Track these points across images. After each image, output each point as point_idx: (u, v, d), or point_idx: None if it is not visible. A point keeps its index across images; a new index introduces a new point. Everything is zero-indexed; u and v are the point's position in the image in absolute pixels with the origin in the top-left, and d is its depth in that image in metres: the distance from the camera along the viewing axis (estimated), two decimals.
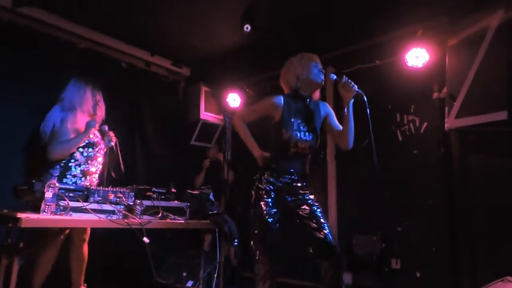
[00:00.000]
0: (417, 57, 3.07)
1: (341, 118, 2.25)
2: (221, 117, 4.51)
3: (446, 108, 2.88)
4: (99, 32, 3.60)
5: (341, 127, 2.26)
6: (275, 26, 3.41)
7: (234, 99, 4.28)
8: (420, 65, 3.08)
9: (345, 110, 2.16)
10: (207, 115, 4.36)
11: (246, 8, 3.15)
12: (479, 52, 2.54)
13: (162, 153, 4.16)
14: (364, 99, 2.16)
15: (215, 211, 2.79)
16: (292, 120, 2.19)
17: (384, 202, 3.37)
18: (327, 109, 2.37)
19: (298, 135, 2.17)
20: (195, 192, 2.86)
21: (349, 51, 3.60)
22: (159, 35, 3.70)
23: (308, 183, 2.28)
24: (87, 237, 2.78)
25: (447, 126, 2.83)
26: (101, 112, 2.87)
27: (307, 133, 2.20)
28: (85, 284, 2.76)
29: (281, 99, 2.22)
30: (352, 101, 2.18)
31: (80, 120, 2.68)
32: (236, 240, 2.85)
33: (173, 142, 4.31)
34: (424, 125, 3.29)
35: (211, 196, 2.90)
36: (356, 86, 2.15)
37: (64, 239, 2.65)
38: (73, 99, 2.73)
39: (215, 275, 3.01)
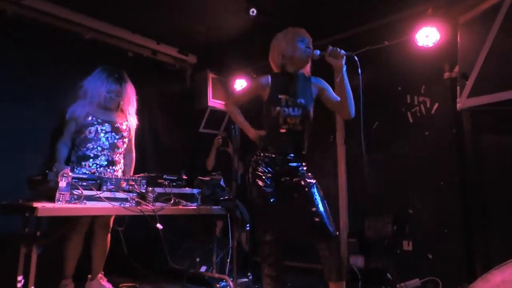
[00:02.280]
0: (427, 36, 3.00)
1: (336, 88, 2.21)
2: None
3: (458, 88, 2.82)
4: (104, 22, 3.58)
5: (338, 98, 2.22)
6: (281, 9, 3.36)
7: (241, 85, 4.25)
8: (430, 45, 3.01)
9: (339, 78, 2.12)
10: (215, 102, 4.35)
11: None
12: (492, 28, 2.46)
13: (171, 141, 4.18)
14: (355, 59, 2.11)
15: (226, 197, 2.81)
16: (279, 96, 2.18)
17: (396, 184, 3.36)
18: (320, 83, 2.32)
19: (286, 110, 2.16)
20: (206, 179, 2.87)
21: (357, 32, 3.52)
22: (165, 23, 3.67)
23: (305, 163, 2.25)
24: (110, 227, 2.84)
25: (459, 106, 2.78)
26: (127, 105, 2.89)
27: (295, 108, 2.18)
28: (103, 272, 2.82)
29: (268, 78, 2.24)
30: (345, 68, 2.13)
31: (88, 108, 2.73)
32: (247, 225, 2.87)
33: (182, 130, 4.32)
34: (435, 106, 3.24)
35: (221, 182, 2.91)
36: (342, 50, 2.10)
37: (88, 227, 2.72)
38: (87, 87, 2.77)
39: (228, 260, 3.06)
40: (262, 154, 2.22)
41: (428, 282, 3.01)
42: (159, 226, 2.20)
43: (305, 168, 2.23)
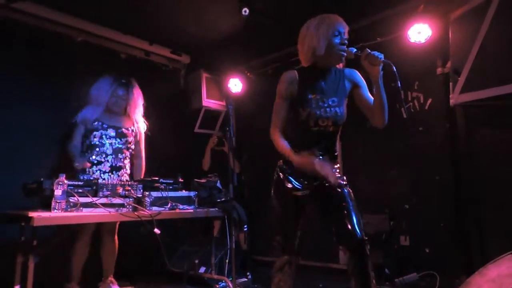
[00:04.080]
0: (419, 32, 3.02)
1: (371, 94, 1.98)
2: (223, 103, 4.48)
3: (451, 84, 2.84)
4: (96, 24, 3.55)
5: (372, 101, 1.97)
6: (274, 8, 3.35)
7: (235, 84, 4.25)
8: (423, 41, 3.03)
9: (376, 87, 1.88)
10: (209, 102, 4.34)
11: None
12: (483, 25, 2.48)
13: (166, 143, 4.16)
14: (393, 69, 1.83)
15: (223, 199, 2.81)
16: (310, 97, 1.94)
17: (391, 180, 3.38)
18: (355, 77, 2.04)
19: (318, 112, 1.92)
20: (202, 181, 2.87)
21: (350, 29, 3.51)
22: (157, 24, 3.64)
23: (336, 164, 2.05)
24: (115, 231, 2.86)
25: (452, 101, 2.80)
26: (133, 109, 2.95)
27: (327, 109, 1.94)
28: (112, 276, 2.84)
29: (295, 74, 1.98)
30: (381, 73, 1.87)
31: (94, 112, 2.79)
32: (245, 226, 2.87)
33: (177, 130, 4.30)
34: (429, 101, 3.26)
35: (218, 184, 2.91)
36: (382, 55, 1.84)
37: (93, 231, 2.74)
38: (92, 93, 2.84)
39: (227, 261, 3.07)
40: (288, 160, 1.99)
41: (426, 276, 3.04)
42: (156, 231, 2.20)
43: (337, 171, 2.02)
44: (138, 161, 3.04)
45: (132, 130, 2.94)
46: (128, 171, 2.92)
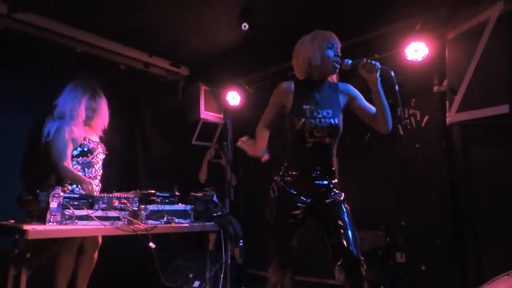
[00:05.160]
0: (416, 50, 3.06)
1: (371, 102, 2.02)
2: (221, 115, 4.50)
3: (447, 102, 2.88)
4: (96, 35, 3.58)
5: (374, 109, 2.01)
6: (273, 24, 3.39)
7: (233, 97, 4.27)
8: (419, 59, 3.07)
9: (373, 93, 1.94)
10: (207, 114, 4.36)
11: (243, 6, 3.13)
12: (479, 46, 2.52)
13: (163, 154, 4.16)
14: (391, 74, 1.92)
15: (219, 213, 2.80)
16: (304, 107, 1.97)
17: (387, 196, 3.38)
18: (349, 90, 2.09)
19: (313, 122, 1.94)
20: (198, 194, 2.86)
21: (347, 46, 3.55)
22: (157, 36, 3.68)
23: (335, 180, 2.05)
24: (99, 244, 2.80)
25: (448, 120, 2.83)
26: (100, 121, 2.83)
27: (322, 120, 1.96)
28: None
29: (291, 85, 2.03)
30: (379, 79, 1.93)
31: (77, 129, 2.65)
32: (241, 241, 2.86)
33: (174, 142, 4.30)
34: (425, 118, 3.28)
35: (214, 198, 2.91)
36: (378, 62, 1.91)
37: (79, 244, 2.67)
38: (64, 107, 2.66)
39: (222, 275, 3.04)
40: (285, 173, 2.02)
41: None
42: (151, 245, 2.18)
43: (335, 186, 2.03)
44: None
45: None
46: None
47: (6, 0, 2.99)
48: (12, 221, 2.10)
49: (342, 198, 2.01)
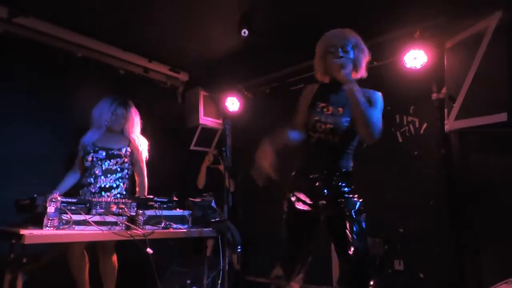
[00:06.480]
0: (415, 58, 3.07)
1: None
2: (220, 121, 4.50)
3: (446, 110, 2.88)
4: (96, 40, 3.59)
5: None
6: (273, 29, 3.40)
7: (233, 103, 4.27)
8: (418, 67, 3.08)
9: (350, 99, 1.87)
10: (206, 119, 4.36)
11: (243, 13, 3.15)
12: (478, 54, 2.53)
13: (162, 159, 4.14)
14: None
15: (217, 219, 2.79)
16: (318, 103, 2.01)
17: (386, 204, 3.37)
18: (366, 95, 1.93)
19: (318, 117, 1.94)
20: (197, 200, 2.85)
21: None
22: (157, 41, 3.69)
23: (348, 183, 1.95)
24: (113, 248, 2.88)
25: (447, 127, 2.84)
26: (127, 126, 3.01)
27: (329, 116, 1.94)
28: None
29: (314, 86, 2.11)
30: (356, 87, 1.85)
31: (92, 134, 2.89)
32: (239, 247, 2.84)
33: (173, 147, 4.29)
34: (424, 126, 3.29)
35: (213, 204, 2.89)
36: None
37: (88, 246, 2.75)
38: (94, 116, 2.95)
39: (219, 281, 3.01)
40: (297, 176, 2.03)
41: None
42: (149, 250, 2.17)
43: (346, 188, 1.93)
44: (139, 179, 3.06)
45: (126, 150, 2.96)
46: (123, 191, 2.90)
47: (6, 4, 3.00)
48: (9, 226, 2.09)
49: (361, 208, 1.97)
